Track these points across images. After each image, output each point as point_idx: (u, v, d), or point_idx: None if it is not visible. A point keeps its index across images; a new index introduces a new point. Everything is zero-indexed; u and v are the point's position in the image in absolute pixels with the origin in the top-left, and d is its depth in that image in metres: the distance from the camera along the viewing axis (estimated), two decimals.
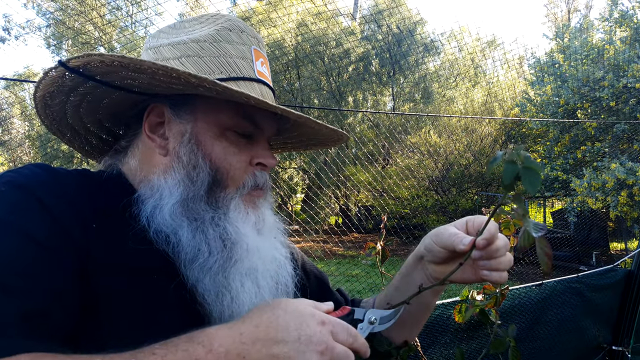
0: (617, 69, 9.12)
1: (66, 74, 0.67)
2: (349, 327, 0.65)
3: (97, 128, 0.85)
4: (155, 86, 0.71)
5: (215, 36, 0.76)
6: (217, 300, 0.69)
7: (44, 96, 0.72)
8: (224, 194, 0.74)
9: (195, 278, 0.69)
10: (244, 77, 0.76)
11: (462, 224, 0.82)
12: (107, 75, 0.68)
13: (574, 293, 2.63)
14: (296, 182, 15.05)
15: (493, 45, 14.05)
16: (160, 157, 0.76)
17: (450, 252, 0.81)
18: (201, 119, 0.75)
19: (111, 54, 0.62)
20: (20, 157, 15.19)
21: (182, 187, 0.72)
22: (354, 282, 7.67)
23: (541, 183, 0.63)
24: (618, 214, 8.32)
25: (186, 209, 0.71)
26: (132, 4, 11.93)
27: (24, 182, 0.63)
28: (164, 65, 0.63)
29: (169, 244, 0.70)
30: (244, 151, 0.77)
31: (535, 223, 0.63)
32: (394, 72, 13.81)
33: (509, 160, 0.59)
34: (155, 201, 0.71)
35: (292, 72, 12.79)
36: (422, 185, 12.65)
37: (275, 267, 0.78)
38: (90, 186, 0.71)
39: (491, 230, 0.74)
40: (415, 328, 0.97)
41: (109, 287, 0.63)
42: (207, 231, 0.71)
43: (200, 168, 0.73)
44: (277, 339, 0.59)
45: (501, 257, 0.77)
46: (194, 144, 0.74)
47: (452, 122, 12.61)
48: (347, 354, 0.62)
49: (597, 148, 9.54)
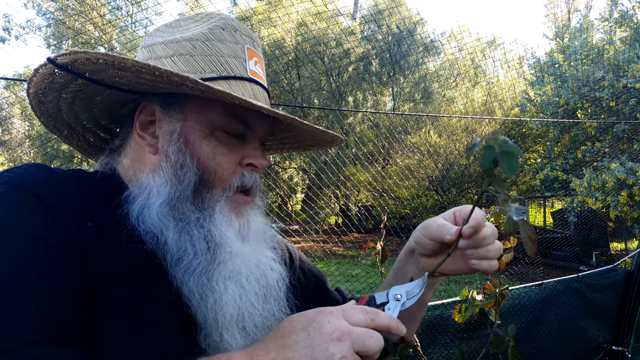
0: (617, 69, 9.12)
1: (56, 71, 0.67)
2: (365, 307, 0.62)
3: (94, 125, 0.85)
4: (141, 84, 0.71)
5: (208, 35, 0.76)
6: (202, 303, 0.69)
7: (37, 93, 0.72)
8: (210, 194, 0.74)
9: (181, 280, 0.69)
10: (235, 76, 0.75)
11: (450, 215, 0.81)
12: (95, 73, 0.68)
13: (574, 293, 2.63)
14: (296, 182, 15.05)
15: (493, 45, 14.06)
16: (150, 156, 0.76)
17: (439, 243, 0.80)
18: (191, 118, 0.74)
19: (96, 52, 0.62)
20: (20, 157, 15.20)
21: (169, 186, 0.72)
22: (354, 282, 7.67)
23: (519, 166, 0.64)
24: (618, 214, 8.32)
25: (172, 209, 0.71)
26: (132, 4, 11.94)
27: (23, 182, 0.63)
28: (147, 64, 0.63)
29: (157, 244, 0.70)
30: (233, 151, 0.76)
31: (517, 207, 0.63)
32: (394, 72, 13.81)
33: (486, 145, 0.59)
34: (143, 200, 0.71)
35: (292, 72, 12.79)
36: (422, 185, 12.64)
37: (262, 271, 0.77)
38: (85, 186, 0.71)
39: (477, 218, 0.73)
40: (412, 324, 0.96)
41: (105, 287, 0.63)
42: (192, 232, 0.70)
43: (188, 167, 0.72)
44: (287, 344, 0.58)
45: (489, 245, 0.76)
46: (183, 143, 0.73)
47: (452, 122, 12.61)
48: (370, 333, 0.59)
49: (597, 148, 9.54)
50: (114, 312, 0.63)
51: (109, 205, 0.71)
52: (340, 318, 0.59)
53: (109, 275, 0.64)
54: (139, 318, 0.65)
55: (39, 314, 0.55)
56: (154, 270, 0.69)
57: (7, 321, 0.52)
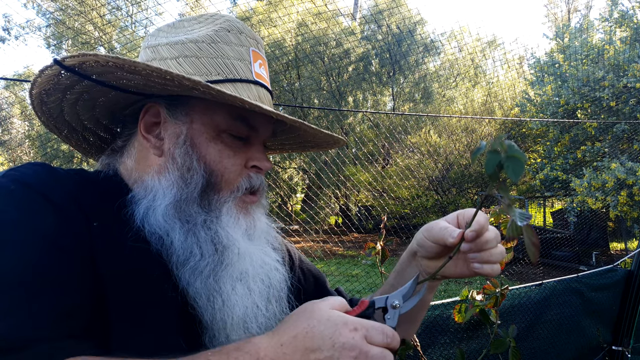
0: (617, 69, 9.12)
1: (62, 72, 0.67)
2: (386, 327, 0.65)
3: (94, 125, 0.85)
4: (150, 87, 0.71)
5: (214, 37, 0.76)
6: (209, 304, 0.70)
7: (40, 93, 0.72)
8: (218, 197, 0.74)
9: (187, 281, 0.69)
10: (241, 79, 0.76)
11: (453, 217, 0.81)
12: (102, 74, 0.68)
13: (574, 293, 2.64)
14: (296, 182, 15.05)
15: (493, 45, 14.06)
16: (155, 158, 0.76)
17: (442, 246, 0.80)
18: (197, 121, 0.75)
19: (106, 55, 0.63)
20: (20, 157, 15.20)
21: (176, 188, 0.72)
22: (354, 282, 7.67)
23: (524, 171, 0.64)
24: (618, 213, 8.33)
25: (179, 211, 0.71)
26: (132, 4, 11.93)
27: (31, 181, 0.64)
28: (158, 68, 0.63)
29: (162, 245, 0.70)
30: (239, 154, 0.77)
31: (521, 212, 0.63)
32: (394, 72, 13.81)
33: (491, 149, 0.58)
34: (149, 202, 0.72)
35: (292, 72, 12.79)
36: (422, 185, 12.64)
37: (266, 271, 0.78)
38: (87, 186, 0.71)
39: (480, 222, 0.73)
40: (412, 325, 0.96)
41: (110, 286, 0.63)
42: (199, 234, 0.71)
43: (195, 170, 0.73)
44: (313, 348, 0.60)
45: (492, 249, 0.76)
46: (189, 145, 0.74)
47: (452, 122, 12.61)
48: (384, 354, 0.62)
49: (597, 148, 9.54)
50: (120, 311, 0.63)
51: (113, 206, 0.71)
52: (362, 338, 0.62)
53: (115, 276, 0.64)
54: (144, 318, 0.65)
55: (51, 311, 0.56)
56: (159, 271, 0.69)
57: (22, 319, 0.54)
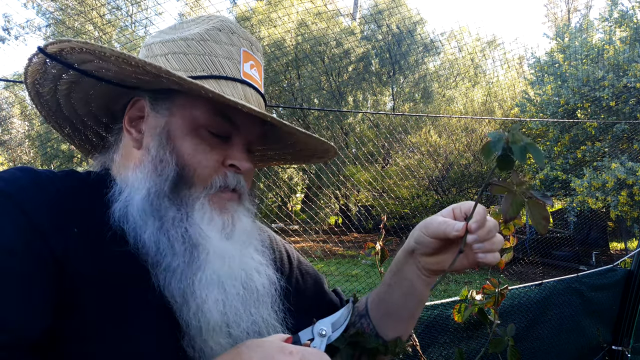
0: (617, 69, 9.12)
1: (47, 61, 0.68)
2: (321, 353, 0.64)
3: (95, 123, 0.85)
4: (127, 77, 0.71)
5: (204, 35, 0.76)
6: (184, 308, 0.68)
7: (34, 83, 0.73)
8: (189, 192, 0.72)
9: (163, 282, 0.68)
10: (227, 76, 0.75)
11: (448, 211, 0.81)
12: (83, 64, 0.68)
13: (574, 293, 2.64)
14: (296, 182, 15.05)
15: (493, 45, 14.06)
16: (135, 151, 0.75)
17: (441, 241, 0.80)
18: (176, 114, 0.74)
19: (78, 40, 0.62)
20: (20, 157, 15.19)
21: (148, 180, 0.71)
22: (354, 282, 7.67)
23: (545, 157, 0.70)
24: (618, 213, 8.33)
25: (151, 206, 0.69)
26: (132, 4, 11.93)
27: (4, 187, 0.62)
28: (122, 53, 0.63)
29: (138, 244, 0.68)
30: (216, 150, 0.75)
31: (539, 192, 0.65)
32: (394, 72, 13.81)
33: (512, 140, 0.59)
34: (126, 196, 0.70)
35: (292, 72, 12.79)
36: (422, 185, 12.64)
37: (246, 274, 0.75)
38: (75, 187, 0.70)
39: (481, 213, 0.74)
40: (410, 322, 0.95)
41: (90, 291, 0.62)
42: (169, 232, 0.69)
43: (167, 162, 0.71)
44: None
45: (493, 238, 0.77)
46: (165, 137, 0.73)
47: (452, 122, 12.61)
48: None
49: (597, 148, 9.54)
50: (99, 315, 0.62)
51: (100, 206, 0.70)
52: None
53: (94, 279, 0.63)
54: (124, 321, 0.64)
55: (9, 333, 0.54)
56: (138, 272, 0.68)
57: None
